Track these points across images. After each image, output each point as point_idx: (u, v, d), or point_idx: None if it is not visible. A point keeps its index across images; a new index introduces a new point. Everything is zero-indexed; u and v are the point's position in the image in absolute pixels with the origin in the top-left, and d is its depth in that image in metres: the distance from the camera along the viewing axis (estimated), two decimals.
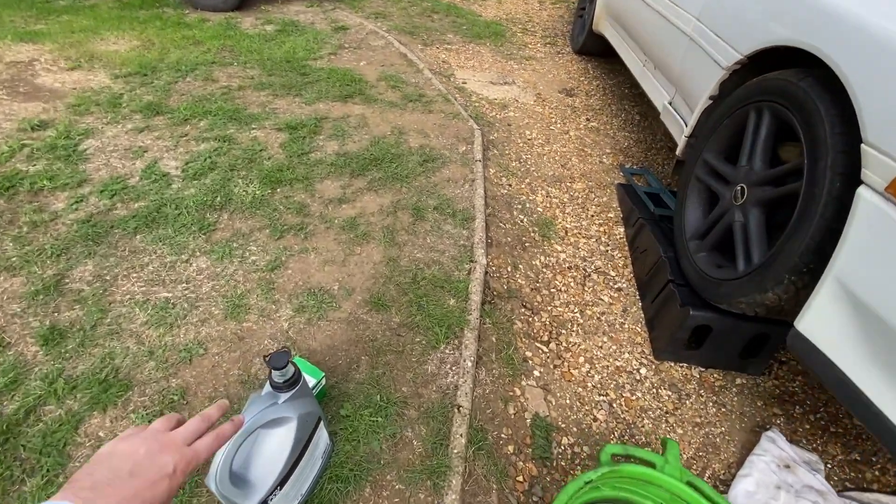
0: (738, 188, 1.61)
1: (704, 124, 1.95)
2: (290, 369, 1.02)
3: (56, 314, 1.58)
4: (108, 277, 1.72)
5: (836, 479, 1.51)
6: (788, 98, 1.42)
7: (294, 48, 3.61)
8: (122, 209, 2.01)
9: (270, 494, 1.02)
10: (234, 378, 1.46)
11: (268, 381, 1.02)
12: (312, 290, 1.75)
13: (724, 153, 1.80)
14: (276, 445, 1.04)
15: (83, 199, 2.03)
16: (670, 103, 2.36)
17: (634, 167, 2.85)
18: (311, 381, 1.33)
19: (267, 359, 0.99)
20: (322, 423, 1.18)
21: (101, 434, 1.29)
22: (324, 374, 1.37)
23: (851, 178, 1.14)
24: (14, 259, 1.73)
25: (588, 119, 3.37)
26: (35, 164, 2.18)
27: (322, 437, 1.20)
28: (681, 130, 2.12)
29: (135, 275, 1.74)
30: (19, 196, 2.01)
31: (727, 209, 1.66)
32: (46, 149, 2.27)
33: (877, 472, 1.53)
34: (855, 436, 1.63)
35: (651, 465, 1.27)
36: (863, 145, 1.11)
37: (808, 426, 1.65)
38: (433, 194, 2.29)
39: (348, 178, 2.31)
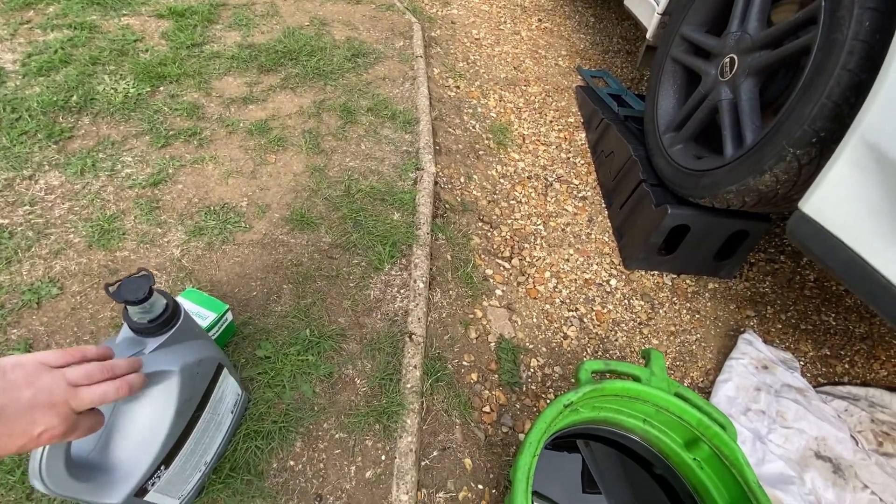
0: (727, 60, 1.37)
1: None
2: (159, 302, 0.68)
3: None
4: None
5: (808, 375, 1.45)
6: None
7: None
8: None
9: (150, 478, 0.71)
10: (106, 321, 1.08)
11: (125, 323, 0.67)
12: (212, 207, 1.36)
13: (707, 25, 1.54)
14: (149, 412, 0.71)
15: None
16: None
17: (593, 69, 2.56)
18: (209, 317, 1.00)
19: (114, 288, 0.63)
20: (227, 370, 0.86)
21: None
22: (228, 307, 1.03)
23: (887, 13, 0.92)
24: None
25: (540, 20, 2.99)
26: None
27: (229, 387, 0.89)
28: (652, 10, 1.83)
29: None
30: None
31: (711, 89, 1.43)
32: None
33: (846, 366, 1.49)
34: (823, 331, 1.57)
35: (636, 378, 1.10)
36: None
37: (779, 325, 1.56)
38: (366, 94, 1.88)
39: (256, 74, 1.84)
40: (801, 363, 1.47)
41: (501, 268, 1.52)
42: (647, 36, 1.84)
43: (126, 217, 1.29)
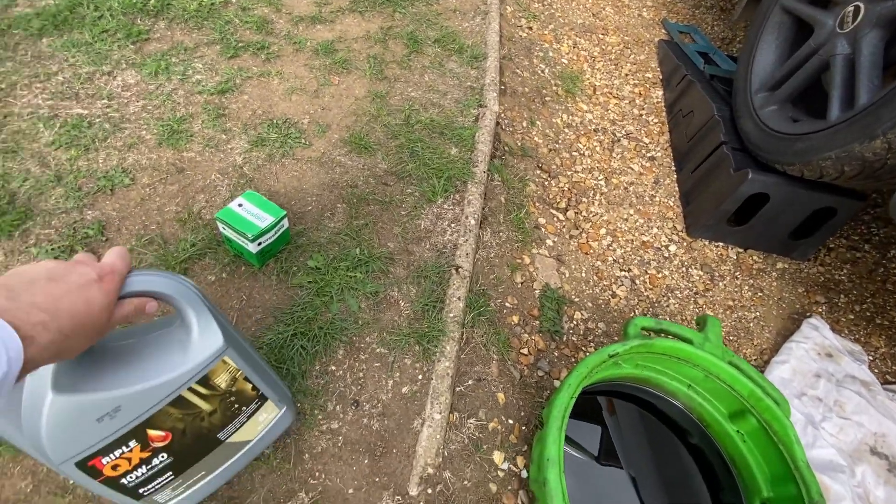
0: (850, 8, 1.19)
1: None
2: None
3: None
4: (2, 85, 1.29)
5: (877, 371, 1.34)
6: None
7: None
8: (25, 5, 1.51)
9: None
10: (171, 216, 1.13)
11: None
12: (275, 121, 1.37)
13: None
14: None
15: None
16: None
17: (680, 24, 2.34)
18: (267, 220, 1.01)
19: None
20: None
21: None
22: (285, 213, 1.05)
23: None
24: None
25: None
26: None
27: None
28: None
29: (39, 85, 1.31)
30: None
31: (824, 42, 1.26)
32: None
33: None
34: None
35: (688, 341, 1.05)
36: None
37: (851, 317, 1.44)
38: (434, 24, 1.80)
39: None
40: (871, 358, 1.36)
41: (555, 218, 1.47)
42: None
43: (194, 120, 1.31)
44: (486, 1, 1.96)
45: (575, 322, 1.27)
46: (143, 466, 0.64)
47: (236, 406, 0.70)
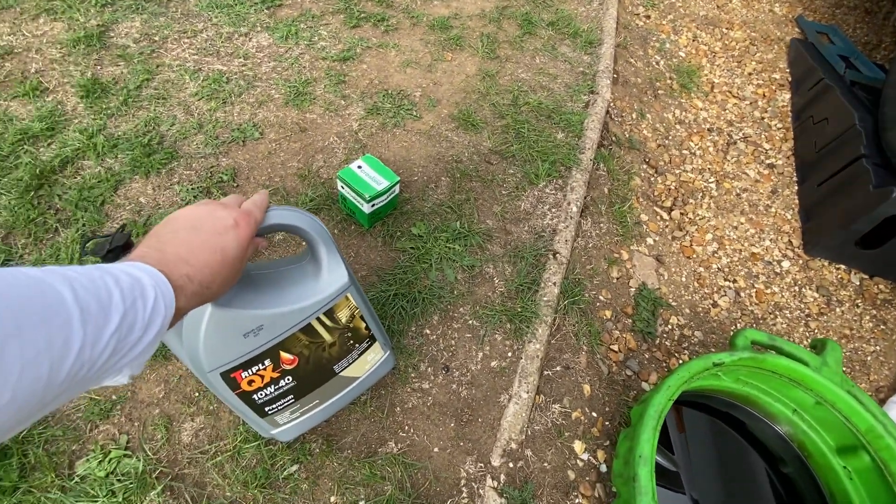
0: None
1: None
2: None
3: (99, 67, 1.34)
4: (156, 38, 1.44)
5: None
6: None
7: None
8: None
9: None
10: (293, 171, 1.21)
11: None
12: (389, 91, 1.41)
13: None
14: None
15: None
16: None
17: (818, 23, 2.12)
18: (382, 183, 1.06)
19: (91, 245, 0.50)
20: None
21: (141, 200, 1.11)
22: (399, 179, 1.09)
23: None
24: (56, 2, 1.47)
25: None
26: None
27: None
28: None
29: (187, 40, 1.45)
30: None
31: None
32: None
33: None
34: None
35: (804, 363, 0.97)
36: None
37: None
38: (550, 7, 1.76)
39: None
40: None
41: (658, 217, 1.40)
42: None
43: (317, 84, 1.39)
44: None
45: (670, 326, 1.22)
46: (272, 386, 0.70)
47: (351, 342, 0.75)
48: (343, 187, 1.08)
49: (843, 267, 1.39)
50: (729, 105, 1.75)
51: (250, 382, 0.68)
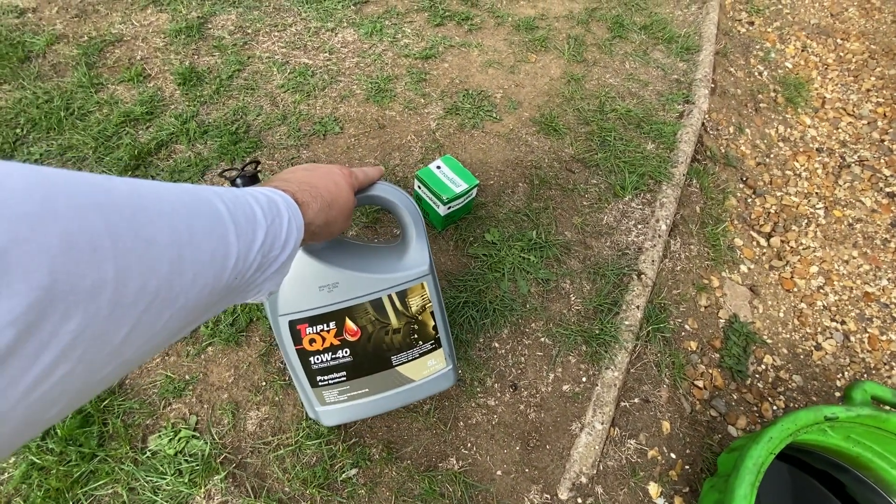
0: None
1: None
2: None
3: (196, 57, 1.40)
4: (249, 31, 1.49)
5: None
6: None
7: None
8: None
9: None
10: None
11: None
12: (470, 91, 1.37)
13: None
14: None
15: None
16: None
17: None
18: (461, 186, 1.02)
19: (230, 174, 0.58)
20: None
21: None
22: (478, 182, 1.04)
23: None
24: None
25: None
26: None
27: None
28: None
29: (276, 34, 1.49)
30: None
31: None
32: None
33: None
34: None
35: None
36: None
37: None
38: (643, 9, 1.66)
39: None
40: None
41: (755, 243, 1.27)
42: None
43: (398, 82, 1.38)
44: None
45: (764, 366, 1.09)
46: (329, 353, 0.70)
47: (415, 336, 0.73)
48: (420, 187, 1.05)
49: None
50: (842, 124, 1.56)
51: (311, 341, 0.69)
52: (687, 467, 0.93)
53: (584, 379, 0.94)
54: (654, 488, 0.89)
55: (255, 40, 1.47)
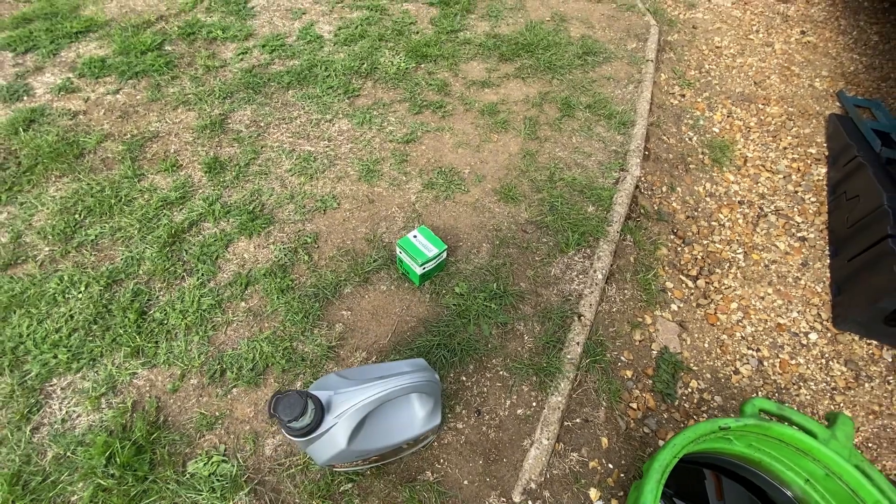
0: None
1: None
2: (306, 418, 0.77)
3: (219, 148, 1.72)
4: (262, 124, 1.81)
5: None
6: None
7: None
8: (279, 65, 2.08)
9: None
10: (361, 235, 1.48)
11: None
12: (443, 169, 1.67)
13: None
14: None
15: (248, 51, 2.12)
16: None
17: (859, 97, 2.18)
18: (432, 250, 1.29)
19: (274, 406, 0.73)
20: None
21: (245, 255, 1.42)
22: (447, 247, 1.31)
23: None
24: (190, 95, 1.90)
25: (803, 32, 2.62)
26: (212, 16, 2.32)
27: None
28: None
29: (284, 126, 1.81)
30: (197, 42, 2.17)
31: None
32: (222, 2, 2.40)
33: None
34: None
35: (811, 434, 1.04)
36: None
37: None
38: (588, 91, 1.99)
39: (496, 62, 2.10)
40: None
41: (684, 285, 1.52)
42: None
43: (384, 163, 1.68)
44: (641, 70, 2.09)
45: (690, 389, 1.31)
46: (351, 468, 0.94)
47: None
48: (401, 252, 1.32)
49: (873, 343, 1.42)
50: (762, 178, 1.85)
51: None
52: (622, 475, 1.14)
53: (534, 404, 1.17)
54: (594, 493, 1.10)
55: (267, 132, 1.79)
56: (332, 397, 0.81)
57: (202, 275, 1.36)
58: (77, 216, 1.50)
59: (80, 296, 1.30)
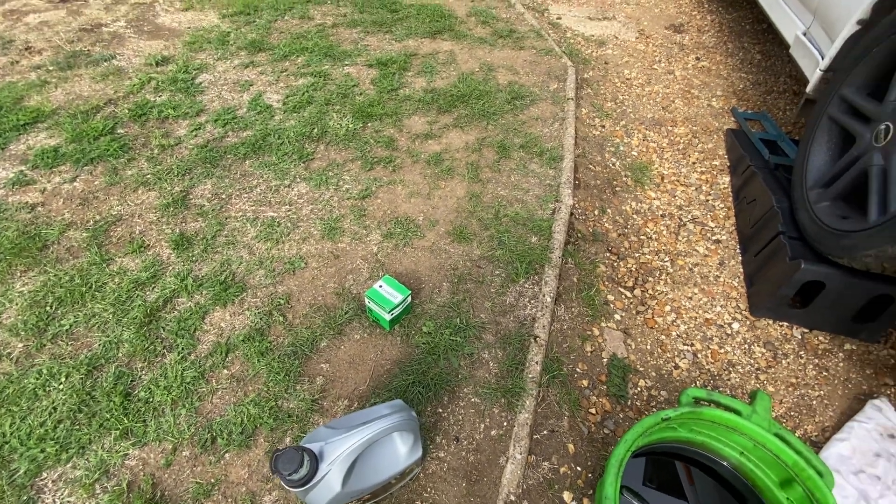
0: (883, 127, 1.38)
1: (846, 55, 1.67)
2: (303, 469, 0.86)
3: (184, 224, 1.81)
4: (223, 196, 1.92)
5: None
6: None
7: None
8: (234, 137, 2.20)
9: None
10: (331, 290, 1.60)
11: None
12: (399, 219, 1.83)
13: (869, 88, 1.54)
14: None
15: (201, 127, 2.24)
16: (804, 34, 2.04)
17: (749, 111, 2.54)
18: (398, 297, 1.42)
19: (275, 463, 0.83)
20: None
21: (222, 325, 1.50)
22: (410, 292, 1.46)
23: None
24: (149, 176, 1.99)
25: (698, 58, 3.02)
26: (160, 95, 2.43)
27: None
28: (815, 64, 1.84)
29: (246, 195, 1.93)
30: (150, 122, 2.27)
31: (864, 152, 1.44)
32: (169, 82, 2.52)
33: None
34: None
35: (737, 412, 1.23)
36: None
37: None
38: (520, 132, 2.23)
39: (435, 115, 2.32)
40: None
41: (623, 296, 1.72)
42: (808, 90, 1.85)
43: (344, 220, 1.82)
44: (564, 108, 2.36)
45: (639, 389, 1.49)
46: None
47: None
48: (370, 302, 1.45)
49: (784, 324, 1.66)
50: (678, 192, 2.12)
51: None
52: (590, 475, 1.29)
53: (504, 423, 1.31)
54: (567, 495, 1.23)
55: (230, 203, 1.90)
56: (323, 447, 0.92)
57: (182, 349, 1.43)
58: (48, 308, 1.54)
59: (60, 387, 1.35)
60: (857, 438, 1.34)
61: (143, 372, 1.39)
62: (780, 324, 1.66)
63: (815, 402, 1.48)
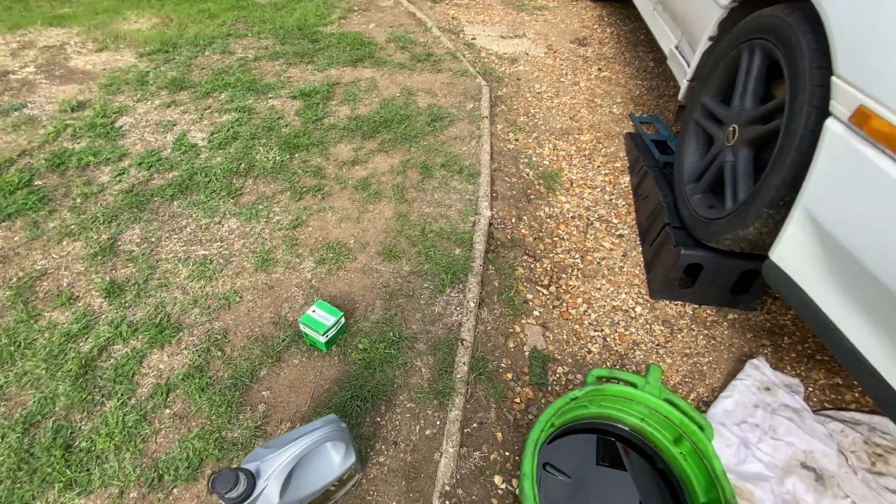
0: (731, 128, 1.65)
1: (703, 67, 1.96)
2: (241, 487, 0.94)
3: (114, 271, 1.82)
4: (153, 239, 1.95)
5: (815, 400, 1.62)
6: (777, 34, 1.43)
7: (305, 15, 3.67)
8: (159, 179, 2.23)
9: None
10: (267, 320, 1.68)
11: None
12: (331, 244, 1.94)
13: (721, 95, 1.82)
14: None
15: (125, 171, 2.25)
16: (676, 47, 2.34)
17: (644, 115, 2.84)
18: (331, 320, 1.53)
19: (212, 484, 0.91)
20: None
21: (161, 366, 1.54)
22: (343, 314, 1.56)
23: (825, 111, 1.19)
24: (73, 226, 1.98)
25: (600, 69, 3.33)
26: (79, 142, 2.41)
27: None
28: (683, 74, 2.13)
29: (176, 236, 1.96)
30: (69, 171, 2.25)
31: (720, 150, 1.71)
32: (87, 127, 2.49)
33: (856, 394, 1.63)
34: (839, 363, 1.71)
35: (633, 385, 1.42)
36: (833, 77, 1.15)
37: (794, 355, 1.74)
38: (441, 152, 2.39)
39: (360, 141, 2.44)
40: (810, 389, 1.65)
41: (540, 293, 1.91)
42: (679, 97, 2.13)
43: (277, 250, 1.90)
44: (480, 126, 2.56)
45: (558, 375, 1.67)
46: None
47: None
48: (304, 327, 1.55)
49: (679, 303, 1.90)
50: (585, 194, 2.35)
51: None
52: (517, 458, 1.44)
53: (437, 422, 1.44)
54: (498, 479, 1.38)
55: (160, 245, 1.93)
56: (259, 465, 1.01)
57: (122, 395, 1.47)
58: None
59: None
60: (738, 394, 1.57)
61: (83, 422, 1.41)
62: (675, 303, 1.91)
63: (705, 368, 1.72)
